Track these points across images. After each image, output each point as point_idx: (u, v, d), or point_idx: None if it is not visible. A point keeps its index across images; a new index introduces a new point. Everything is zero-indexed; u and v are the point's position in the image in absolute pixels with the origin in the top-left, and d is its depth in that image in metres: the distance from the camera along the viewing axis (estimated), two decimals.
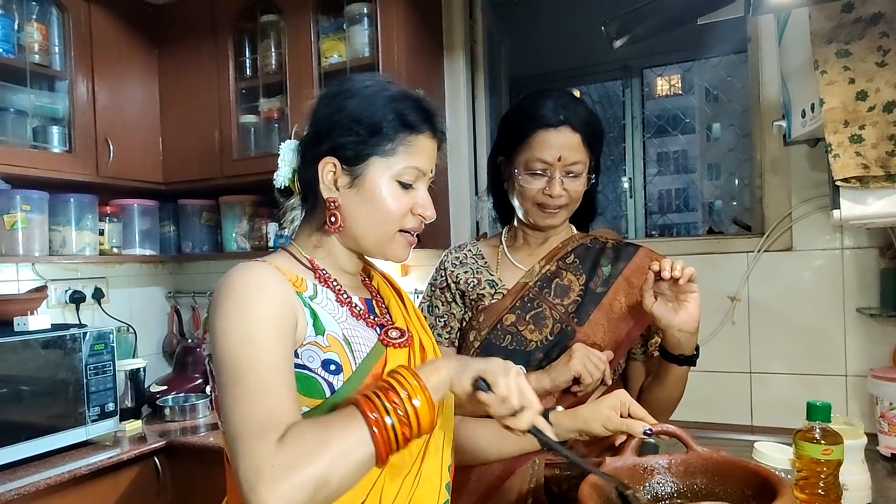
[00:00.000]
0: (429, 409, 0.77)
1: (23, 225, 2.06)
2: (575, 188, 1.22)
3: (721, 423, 1.96)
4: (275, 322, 0.81)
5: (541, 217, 1.25)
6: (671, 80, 10.89)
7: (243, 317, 0.80)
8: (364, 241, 0.93)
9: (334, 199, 0.90)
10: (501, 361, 0.83)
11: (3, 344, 1.78)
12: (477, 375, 0.81)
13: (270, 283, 0.84)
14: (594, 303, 1.24)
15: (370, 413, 0.75)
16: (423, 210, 0.94)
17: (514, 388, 0.81)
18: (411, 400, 0.76)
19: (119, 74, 2.33)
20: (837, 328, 1.85)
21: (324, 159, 0.90)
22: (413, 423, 0.76)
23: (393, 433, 0.75)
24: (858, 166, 1.33)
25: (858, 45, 1.33)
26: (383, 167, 0.90)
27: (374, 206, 0.90)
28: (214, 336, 0.81)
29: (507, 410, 0.80)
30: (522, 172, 1.23)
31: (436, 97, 2.33)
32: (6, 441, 1.74)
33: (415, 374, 0.79)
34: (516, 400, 0.80)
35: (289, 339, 0.83)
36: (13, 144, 2.04)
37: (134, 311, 2.71)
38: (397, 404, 0.76)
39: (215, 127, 2.35)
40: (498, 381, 0.80)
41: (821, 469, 1.05)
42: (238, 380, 0.78)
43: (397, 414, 0.75)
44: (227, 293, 0.82)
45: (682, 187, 11.48)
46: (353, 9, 2.14)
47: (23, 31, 2.07)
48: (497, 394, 0.80)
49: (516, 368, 0.83)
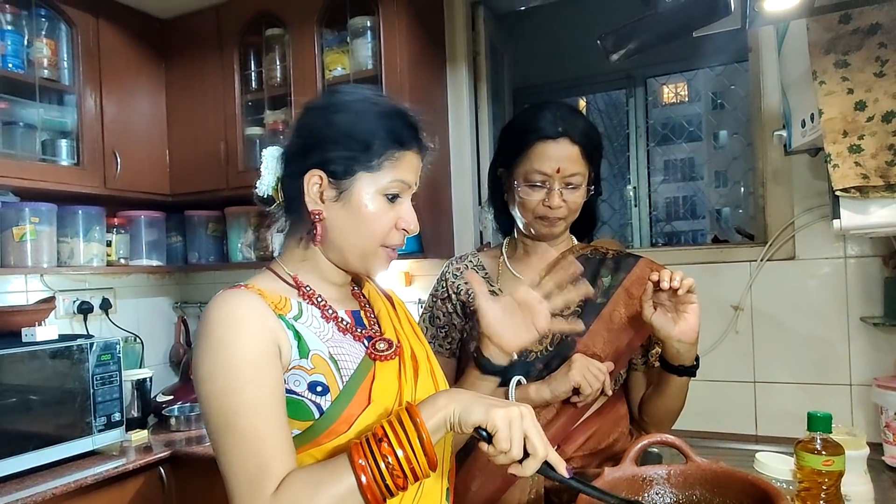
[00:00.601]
0: (424, 453, 0.76)
1: (31, 237, 2.09)
2: (574, 199, 1.23)
3: (725, 433, 1.96)
4: (254, 361, 0.80)
5: (540, 228, 1.26)
6: (677, 88, 10.90)
7: (224, 361, 0.80)
8: (347, 254, 0.93)
9: (319, 212, 0.90)
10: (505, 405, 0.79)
11: (11, 355, 1.80)
12: (476, 425, 0.78)
13: (248, 317, 0.83)
14: (594, 313, 1.24)
15: (359, 460, 0.75)
16: (407, 224, 0.93)
17: (517, 440, 0.77)
18: (400, 448, 0.75)
19: (126, 88, 2.37)
20: (841, 337, 1.84)
21: (310, 171, 0.89)
22: (406, 470, 0.75)
23: (383, 482, 0.74)
24: (858, 176, 1.33)
25: (857, 55, 1.33)
26: (370, 182, 0.90)
27: (359, 221, 0.90)
28: (198, 379, 0.81)
29: (507, 461, 0.78)
30: (522, 184, 1.24)
31: (438, 108, 2.35)
32: (13, 451, 1.76)
33: (413, 415, 0.77)
34: (517, 452, 0.77)
35: (274, 371, 0.82)
36: (22, 158, 2.07)
37: (141, 322, 2.73)
38: (387, 454, 0.75)
39: (221, 139, 2.38)
40: (498, 435, 0.76)
41: (822, 480, 1.04)
42: (228, 428, 0.78)
43: (387, 462, 0.74)
44: (206, 333, 0.82)
45: (690, 195, 11.47)
46: (357, 22, 2.16)
47: (32, 46, 2.11)
48: (498, 447, 0.77)
49: (520, 411, 0.79)
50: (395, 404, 0.88)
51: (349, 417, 0.84)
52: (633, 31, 1.05)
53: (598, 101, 5.64)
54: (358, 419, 0.84)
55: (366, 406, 0.85)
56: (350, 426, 0.83)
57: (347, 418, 0.83)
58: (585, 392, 1.15)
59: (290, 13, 2.25)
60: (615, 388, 1.27)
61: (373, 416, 0.85)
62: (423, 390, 0.94)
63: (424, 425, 0.76)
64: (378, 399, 0.86)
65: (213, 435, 0.79)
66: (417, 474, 0.76)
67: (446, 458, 0.97)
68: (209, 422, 0.80)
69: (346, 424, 0.83)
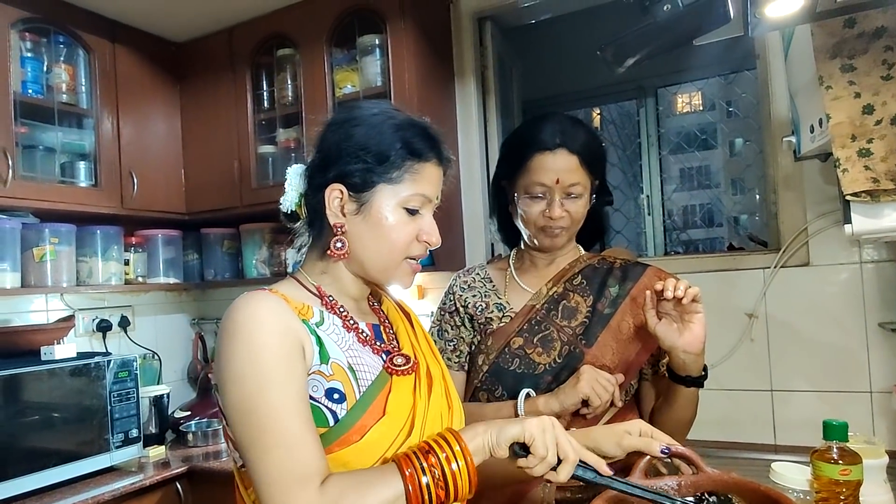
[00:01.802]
0: (468, 474, 0.79)
1: (51, 257, 2.14)
2: (576, 210, 1.23)
3: (743, 443, 1.93)
4: (283, 360, 0.81)
5: (543, 239, 1.26)
6: (691, 98, 10.87)
7: (252, 359, 0.80)
8: (370, 268, 0.93)
9: (341, 225, 0.91)
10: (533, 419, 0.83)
11: (29, 373, 1.84)
12: (513, 440, 0.82)
13: (273, 317, 0.84)
14: (602, 324, 1.23)
15: (406, 469, 0.77)
16: (429, 237, 0.94)
17: (552, 446, 0.82)
18: (450, 463, 0.78)
19: (143, 110, 2.42)
20: (860, 344, 1.81)
21: (331, 185, 0.91)
22: (450, 485, 0.78)
23: (427, 493, 0.77)
24: (868, 180, 1.31)
25: (863, 59, 1.33)
26: (390, 194, 0.91)
27: (380, 234, 0.91)
28: (224, 379, 0.81)
29: (545, 469, 0.82)
30: (522, 196, 1.25)
31: (448, 122, 2.37)
32: (33, 468, 1.79)
33: (458, 438, 0.81)
34: (553, 457, 0.82)
35: (300, 372, 0.83)
36: (42, 180, 2.13)
37: (159, 338, 2.77)
38: (434, 465, 0.78)
39: (235, 158, 2.42)
40: (536, 444, 0.81)
41: (840, 490, 1.02)
42: (262, 430, 0.78)
43: (433, 475, 0.78)
44: (232, 331, 0.82)
45: (707, 203, 11.38)
46: (365, 40, 2.20)
47: (51, 72, 2.17)
48: (536, 455, 0.81)
49: (550, 419, 0.84)
50: (409, 419, 0.89)
51: (362, 428, 0.84)
52: (632, 41, 1.06)
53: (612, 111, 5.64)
54: (371, 430, 0.84)
55: (380, 417, 0.86)
56: (362, 436, 0.84)
57: (360, 428, 0.84)
58: (594, 404, 1.14)
59: (301, 33, 2.29)
60: (626, 400, 1.26)
61: (385, 428, 0.85)
62: (435, 407, 0.94)
63: (468, 448, 0.80)
64: (392, 412, 0.87)
65: (245, 438, 0.79)
66: (460, 492, 0.79)
67: None
68: (239, 423, 0.80)
69: (358, 434, 0.84)
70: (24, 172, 2.07)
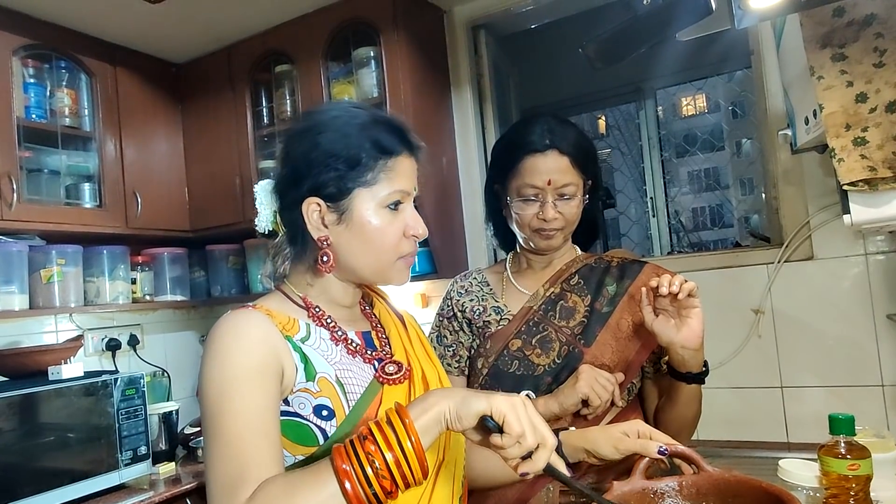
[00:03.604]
0: (416, 457, 0.71)
1: (59, 278, 2.16)
2: (569, 210, 1.23)
3: (755, 442, 1.90)
4: (253, 372, 0.80)
5: (538, 241, 1.26)
6: (696, 100, 10.87)
7: (220, 369, 0.80)
8: (363, 273, 0.92)
9: (325, 238, 0.89)
10: (504, 395, 0.75)
11: (37, 393, 1.85)
12: (481, 413, 0.73)
13: (252, 332, 0.83)
14: (600, 323, 1.22)
15: (342, 465, 0.70)
16: (415, 230, 0.91)
17: (528, 426, 0.73)
18: (390, 450, 0.70)
19: (145, 131, 2.46)
20: (869, 337, 1.78)
21: (306, 200, 0.88)
22: (395, 474, 0.70)
23: (370, 488, 0.69)
24: (865, 169, 1.30)
25: (853, 47, 1.32)
26: (369, 197, 0.88)
27: (367, 239, 0.89)
28: (199, 388, 0.82)
29: (521, 451, 0.73)
30: (515, 199, 1.25)
31: (445, 130, 2.38)
32: (42, 487, 1.79)
33: (403, 415, 0.73)
34: (532, 439, 0.73)
35: (271, 387, 0.81)
36: (47, 203, 2.16)
37: (169, 356, 2.78)
38: (373, 454, 0.70)
39: (236, 174, 2.45)
40: (509, 420, 0.72)
41: (849, 485, 1.00)
42: (216, 432, 0.77)
43: (373, 465, 0.70)
44: (209, 346, 0.83)
45: (717, 204, 11.33)
46: (360, 53, 2.22)
47: (54, 96, 2.21)
48: (511, 434, 0.72)
49: (520, 399, 0.76)
50: None
51: None
52: (613, 36, 1.06)
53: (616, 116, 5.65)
54: None
55: None
56: None
57: None
58: (594, 403, 1.13)
59: (297, 49, 2.32)
60: (628, 399, 1.24)
61: None
62: None
63: (413, 425, 0.72)
64: None
65: (205, 440, 0.80)
66: (408, 479, 0.71)
67: (457, 482, 0.95)
68: (203, 426, 0.80)
69: None
70: (29, 196, 2.11)
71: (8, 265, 2.03)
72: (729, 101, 4.26)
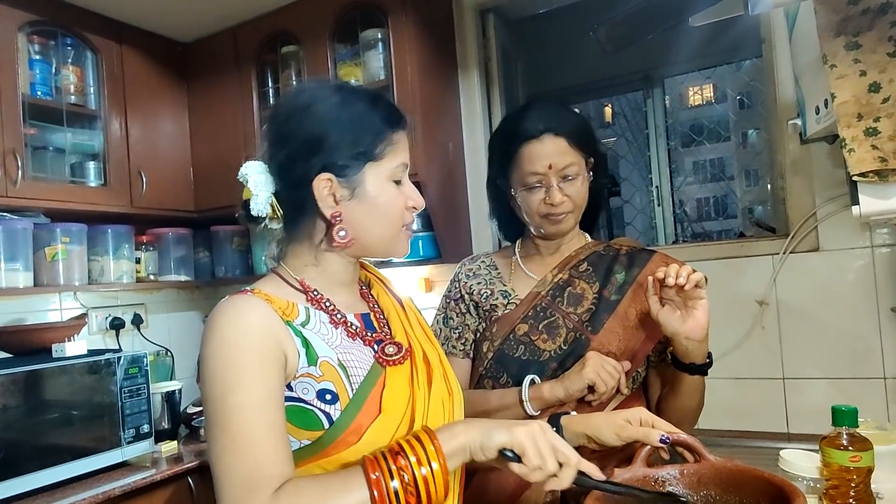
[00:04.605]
0: (442, 477, 0.74)
1: (63, 256, 2.17)
2: (575, 191, 1.22)
3: (756, 432, 1.90)
4: (256, 363, 0.79)
5: (549, 227, 1.25)
6: (703, 90, 10.80)
7: (223, 358, 0.79)
8: (373, 246, 0.93)
9: (338, 214, 0.88)
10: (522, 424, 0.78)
11: (41, 370, 1.86)
12: (503, 446, 0.77)
13: (252, 321, 0.82)
14: (608, 311, 1.22)
15: (372, 473, 0.72)
16: (416, 202, 0.94)
17: (547, 454, 0.76)
18: (421, 466, 0.73)
19: (150, 110, 2.45)
20: (872, 329, 1.78)
21: (318, 177, 0.87)
22: (421, 491, 0.73)
23: (395, 499, 0.72)
24: (875, 160, 1.29)
25: (868, 36, 1.30)
26: (377, 171, 0.90)
27: (378, 212, 0.90)
28: (201, 381, 0.81)
29: (544, 476, 0.77)
30: (520, 190, 1.24)
31: (452, 115, 2.36)
32: (45, 464, 1.81)
33: (433, 438, 0.76)
34: (552, 465, 0.76)
35: (275, 375, 0.81)
36: (52, 181, 2.16)
37: (172, 336, 2.79)
38: (404, 469, 0.73)
39: (242, 155, 2.43)
40: (527, 453, 0.76)
41: (850, 477, 1.00)
42: (223, 429, 0.77)
43: (402, 479, 0.72)
44: (208, 335, 0.82)
45: (722, 195, 11.30)
46: (368, 35, 2.20)
47: (59, 74, 2.20)
48: (529, 465, 0.76)
49: (539, 426, 0.79)
50: (408, 412, 0.86)
51: (359, 428, 0.82)
52: (625, 20, 1.04)
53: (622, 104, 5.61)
54: (368, 429, 0.82)
55: (376, 416, 0.83)
56: (360, 437, 0.82)
57: (357, 429, 0.82)
58: (600, 390, 1.13)
59: (304, 30, 2.30)
60: (633, 388, 1.24)
61: (383, 426, 0.83)
62: (436, 395, 0.92)
63: (442, 450, 0.75)
64: (388, 408, 0.85)
65: (210, 436, 0.79)
66: (432, 497, 0.74)
67: (456, 479, 0.95)
68: (207, 422, 0.80)
69: (355, 435, 0.82)
70: (34, 173, 2.11)
71: (13, 242, 2.03)
72: (737, 91, 4.23)
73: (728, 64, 3.16)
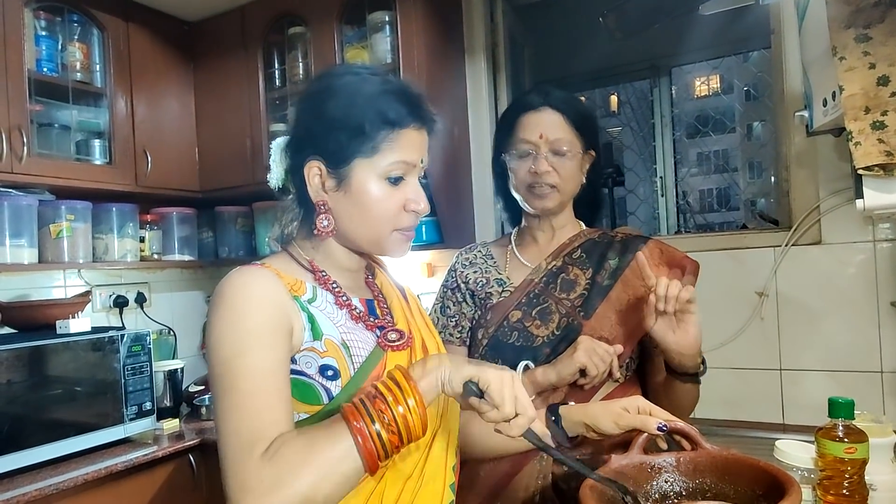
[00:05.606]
0: (419, 413, 0.75)
1: (67, 234, 2.18)
2: (564, 167, 1.23)
3: (751, 422, 1.92)
4: (266, 330, 0.80)
5: (533, 200, 1.26)
6: (710, 81, 10.72)
7: (233, 327, 0.80)
8: (359, 242, 0.92)
9: (323, 202, 0.89)
10: (495, 367, 0.80)
11: (45, 346, 1.88)
12: (467, 378, 0.78)
13: (262, 290, 0.83)
14: (601, 296, 1.22)
15: (355, 422, 0.73)
16: (416, 205, 0.90)
17: (508, 397, 0.77)
18: (398, 405, 0.74)
19: (156, 89, 2.44)
20: (871, 323, 1.78)
21: (309, 162, 0.88)
22: (402, 429, 0.74)
23: (380, 441, 0.73)
24: (881, 154, 1.28)
25: (878, 28, 1.29)
26: (368, 167, 0.87)
27: (364, 208, 0.88)
28: (208, 347, 0.81)
29: (500, 418, 0.78)
30: (511, 157, 1.27)
31: (458, 99, 2.36)
32: (49, 438, 1.83)
33: (406, 376, 0.77)
34: (510, 408, 0.77)
35: (282, 345, 0.82)
36: (58, 158, 2.16)
37: (175, 315, 2.81)
38: (383, 411, 0.74)
39: (247, 135, 2.44)
40: (490, 389, 0.77)
41: (845, 468, 1.01)
42: (228, 391, 0.78)
43: (383, 421, 0.73)
44: (219, 302, 0.82)
45: (725, 186, 11.26)
46: (375, 17, 2.19)
47: (65, 50, 2.19)
48: (491, 401, 0.77)
49: (510, 374, 0.80)
50: None
51: None
52: (635, 7, 1.04)
53: (628, 93, 5.58)
54: None
55: None
56: None
57: None
58: (591, 373, 1.14)
59: (311, 12, 2.29)
60: (627, 375, 1.25)
61: None
62: None
63: (417, 386, 0.76)
64: None
65: (215, 399, 0.79)
66: (412, 433, 0.75)
67: (451, 449, 0.96)
68: (213, 386, 0.80)
69: None
70: (39, 150, 2.11)
71: (17, 218, 2.04)
72: (744, 83, 4.20)
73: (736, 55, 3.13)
